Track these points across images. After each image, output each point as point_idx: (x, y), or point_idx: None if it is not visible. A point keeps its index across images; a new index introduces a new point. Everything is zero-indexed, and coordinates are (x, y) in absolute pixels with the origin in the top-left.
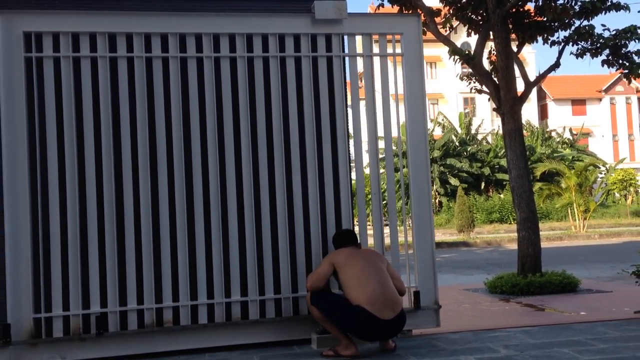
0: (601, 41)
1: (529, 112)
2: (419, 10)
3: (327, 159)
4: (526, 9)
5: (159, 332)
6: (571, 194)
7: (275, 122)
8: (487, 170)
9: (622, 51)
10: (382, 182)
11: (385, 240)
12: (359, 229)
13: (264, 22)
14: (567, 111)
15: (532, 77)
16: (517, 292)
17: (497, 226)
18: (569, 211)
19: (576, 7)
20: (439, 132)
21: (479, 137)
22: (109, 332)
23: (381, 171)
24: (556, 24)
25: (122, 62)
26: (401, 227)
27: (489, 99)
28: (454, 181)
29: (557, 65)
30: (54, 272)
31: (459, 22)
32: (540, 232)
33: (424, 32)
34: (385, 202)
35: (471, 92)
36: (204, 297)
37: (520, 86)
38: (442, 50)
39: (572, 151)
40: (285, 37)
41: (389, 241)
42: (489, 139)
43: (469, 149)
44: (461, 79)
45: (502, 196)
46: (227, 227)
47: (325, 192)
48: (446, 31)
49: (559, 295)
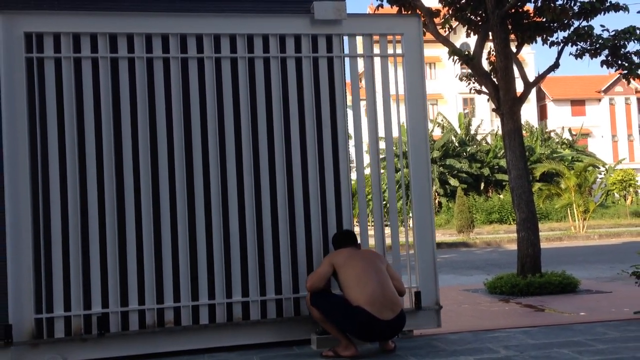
0: (600, 42)
1: (529, 112)
2: (418, 10)
3: (327, 159)
4: (525, 9)
5: (160, 332)
6: (570, 195)
7: (275, 122)
8: (486, 170)
9: (621, 52)
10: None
11: (386, 240)
12: (359, 230)
13: (265, 22)
14: (566, 112)
15: (531, 78)
16: (517, 292)
17: (496, 227)
18: (569, 212)
19: (575, 7)
20: (438, 133)
21: (479, 137)
22: (111, 332)
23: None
24: (555, 25)
25: (123, 63)
26: (402, 227)
27: (488, 100)
28: (454, 182)
29: (556, 65)
30: (55, 272)
31: (458, 22)
32: (539, 233)
33: (424, 33)
34: (385, 202)
35: (470, 92)
36: (205, 297)
37: (519, 87)
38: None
39: (571, 152)
40: (285, 37)
41: (389, 241)
42: (489, 139)
43: (469, 149)
44: (460, 79)
45: (501, 197)
46: (228, 227)
47: (326, 193)
48: (445, 32)
49: (559, 295)
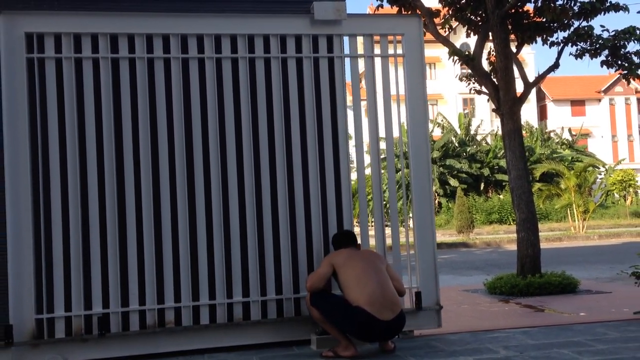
0: (600, 42)
1: (528, 112)
2: (418, 10)
3: (328, 159)
4: (525, 9)
5: (161, 332)
6: (570, 195)
7: (276, 122)
8: (486, 171)
9: (621, 52)
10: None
11: (386, 240)
12: (360, 230)
13: (265, 23)
14: (566, 112)
15: (531, 78)
16: (517, 292)
17: (496, 227)
18: (568, 212)
19: (575, 7)
20: (438, 133)
21: (478, 137)
22: (111, 332)
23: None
24: (555, 25)
25: (123, 63)
26: (402, 227)
27: (488, 100)
28: (454, 182)
29: (556, 66)
30: (56, 273)
31: (458, 22)
32: (539, 233)
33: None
34: (386, 202)
35: (470, 92)
36: (205, 297)
37: (519, 87)
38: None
39: (571, 152)
40: (286, 38)
41: (390, 242)
42: (489, 139)
43: (469, 149)
44: (460, 79)
45: (501, 197)
46: (228, 227)
47: (326, 193)
48: (445, 32)
49: (559, 296)
